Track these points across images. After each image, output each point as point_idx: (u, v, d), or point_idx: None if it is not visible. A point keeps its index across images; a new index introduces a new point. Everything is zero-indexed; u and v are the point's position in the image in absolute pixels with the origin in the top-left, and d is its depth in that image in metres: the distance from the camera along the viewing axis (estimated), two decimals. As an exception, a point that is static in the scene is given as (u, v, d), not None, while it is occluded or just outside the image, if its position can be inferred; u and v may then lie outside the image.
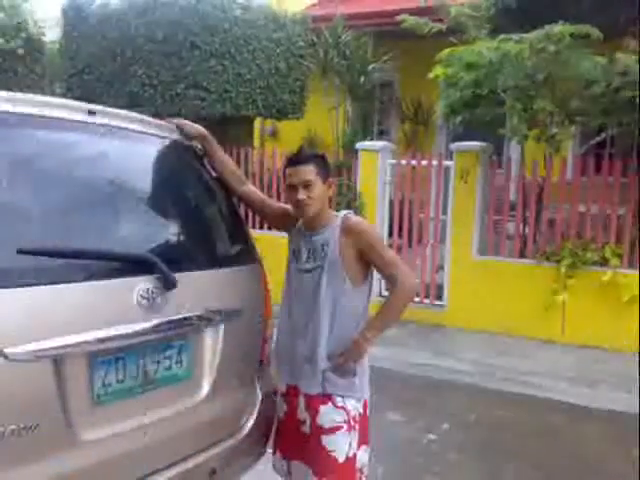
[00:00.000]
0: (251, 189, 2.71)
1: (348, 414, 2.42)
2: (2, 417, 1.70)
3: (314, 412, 2.42)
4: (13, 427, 1.71)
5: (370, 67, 9.01)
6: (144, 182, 2.39)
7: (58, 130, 2.09)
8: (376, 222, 7.04)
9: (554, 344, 6.20)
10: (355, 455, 2.44)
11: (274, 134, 12.19)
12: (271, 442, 2.65)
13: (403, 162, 7.16)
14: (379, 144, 7.57)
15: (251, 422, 2.51)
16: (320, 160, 2.45)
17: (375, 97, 10.82)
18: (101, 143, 2.22)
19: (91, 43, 8.65)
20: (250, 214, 6.48)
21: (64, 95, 8.77)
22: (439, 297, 6.94)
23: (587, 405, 4.79)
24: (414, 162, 7.05)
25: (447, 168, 6.83)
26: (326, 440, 2.38)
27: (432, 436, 4.16)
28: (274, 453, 2.64)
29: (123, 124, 2.28)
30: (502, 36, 5.92)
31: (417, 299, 6.75)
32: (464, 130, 7.56)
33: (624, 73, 5.52)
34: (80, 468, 1.88)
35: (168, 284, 2.09)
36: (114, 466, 1.98)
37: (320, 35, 9.20)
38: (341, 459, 2.38)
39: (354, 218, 2.49)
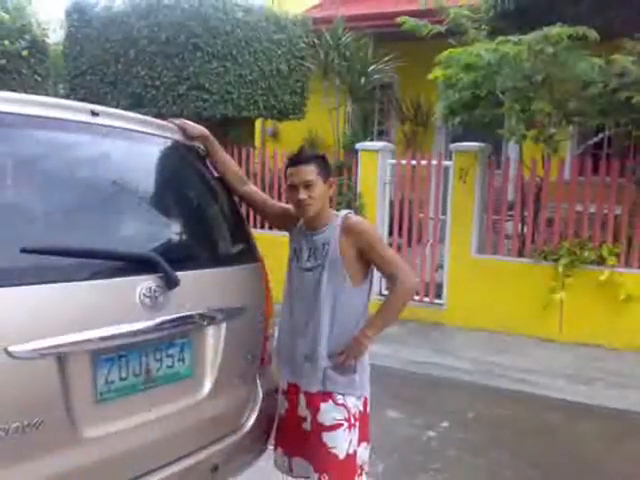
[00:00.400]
0: (252, 189, 2.71)
1: (348, 411, 2.42)
2: (6, 414, 1.70)
3: (315, 409, 2.42)
4: (17, 424, 1.71)
5: (370, 68, 9.01)
6: (147, 182, 2.39)
7: (62, 131, 2.09)
8: (376, 222, 7.04)
9: (552, 342, 6.20)
10: (355, 452, 2.44)
11: (275, 135, 12.19)
12: (272, 439, 2.65)
13: (403, 162, 7.15)
14: (379, 144, 7.56)
15: (252, 419, 2.51)
16: (321, 160, 2.45)
17: (375, 98, 10.82)
18: (104, 144, 2.22)
19: (94, 45, 8.66)
20: (251, 214, 6.48)
21: (68, 96, 8.76)
22: (438, 296, 6.93)
23: (584, 402, 4.79)
24: (414, 162, 7.04)
25: (446, 168, 6.83)
26: (327, 437, 2.38)
27: (432, 433, 4.16)
28: (275, 450, 2.65)
29: (126, 125, 2.27)
30: (500, 38, 5.91)
31: (417, 298, 6.75)
32: (463, 131, 7.57)
33: (621, 74, 5.51)
34: (83, 465, 1.88)
35: (170, 283, 2.09)
36: (116, 463, 1.98)
37: (321, 37, 9.19)
38: (341, 456, 2.38)
39: (354, 218, 2.49)
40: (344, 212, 2.51)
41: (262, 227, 7.12)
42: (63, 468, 1.83)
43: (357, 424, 2.45)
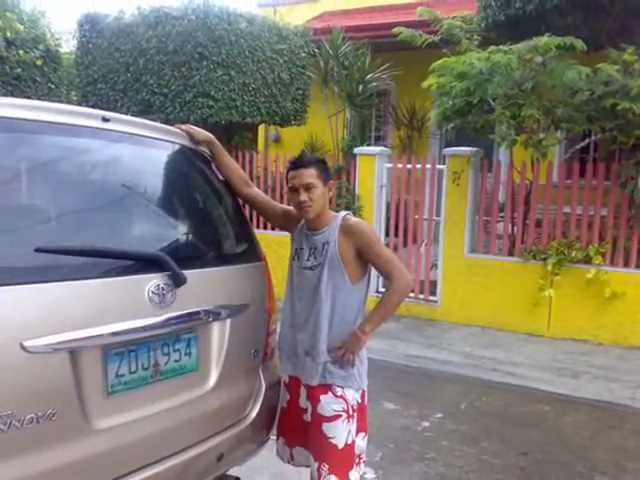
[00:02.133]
0: (256, 191, 2.70)
1: (347, 403, 2.42)
2: (21, 405, 1.69)
3: (315, 401, 2.42)
4: (32, 415, 1.71)
5: (368, 77, 9.00)
6: (155, 185, 2.39)
7: (74, 136, 2.09)
8: (373, 223, 7.04)
9: (541, 337, 6.21)
10: (354, 442, 2.44)
11: (277, 140, 12.20)
12: (275, 429, 2.65)
13: (399, 166, 7.15)
14: (376, 149, 7.56)
15: (256, 411, 2.51)
16: (321, 164, 2.45)
17: (372, 105, 10.80)
18: (115, 148, 2.22)
19: (105, 54, 8.68)
20: (254, 215, 6.48)
21: (80, 103, 8.77)
22: (433, 293, 6.94)
23: (571, 395, 4.79)
24: (409, 166, 7.05)
25: (440, 172, 6.84)
26: (326, 428, 2.38)
27: (426, 424, 4.16)
28: (277, 440, 2.65)
29: (135, 130, 2.27)
30: (492, 47, 5.91)
31: (412, 295, 6.76)
32: (456, 136, 7.57)
33: (607, 82, 5.52)
34: (94, 455, 1.88)
35: (178, 281, 2.09)
36: (126, 453, 1.98)
37: (321, 47, 9.19)
38: (340, 445, 2.38)
39: (353, 219, 2.48)
40: (343, 213, 2.50)
41: (265, 227, 7.13)
42: (75, 457, 1.83)
43: (355, 415, 2.45)
